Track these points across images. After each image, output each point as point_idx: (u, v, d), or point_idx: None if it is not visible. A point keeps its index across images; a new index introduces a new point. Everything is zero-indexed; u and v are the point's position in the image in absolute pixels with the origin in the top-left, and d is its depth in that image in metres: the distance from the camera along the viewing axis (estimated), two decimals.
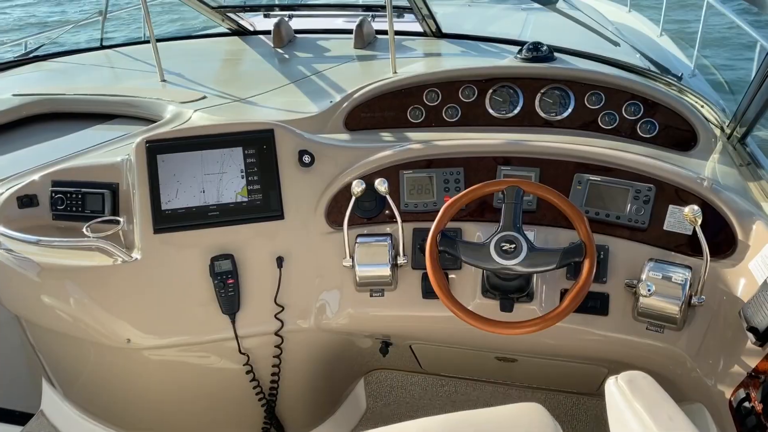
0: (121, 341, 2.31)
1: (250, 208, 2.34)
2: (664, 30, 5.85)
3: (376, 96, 2.71)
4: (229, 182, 2.33)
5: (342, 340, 2.54)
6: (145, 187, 2.30)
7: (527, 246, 1.93)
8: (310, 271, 2.38)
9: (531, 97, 2.62)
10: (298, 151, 2.39)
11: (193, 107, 2.90)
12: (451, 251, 1.99)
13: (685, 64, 5.29)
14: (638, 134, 2.52)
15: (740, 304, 1.97)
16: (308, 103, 2.89)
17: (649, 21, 6.28)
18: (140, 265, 2.29)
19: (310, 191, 2.40)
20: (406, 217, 2.37)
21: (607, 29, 4.96)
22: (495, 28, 4.78)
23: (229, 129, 2.37)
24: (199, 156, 2.33)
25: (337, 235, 2.37)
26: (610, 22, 5.44)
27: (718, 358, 1.98)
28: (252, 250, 2.34)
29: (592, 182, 2.28)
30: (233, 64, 3.89)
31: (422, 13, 3.70)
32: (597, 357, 2.30)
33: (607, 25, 5.17)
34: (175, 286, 2.31)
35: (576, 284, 1.89)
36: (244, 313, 2.33)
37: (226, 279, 2.28)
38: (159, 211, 2.29)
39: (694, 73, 5.14)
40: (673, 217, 2.18)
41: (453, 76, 2.68)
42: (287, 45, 3.98)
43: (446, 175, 2.39)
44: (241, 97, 3.07)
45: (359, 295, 2.36)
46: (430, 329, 2.38)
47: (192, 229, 2.31)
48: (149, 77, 3.51)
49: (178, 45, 4.25)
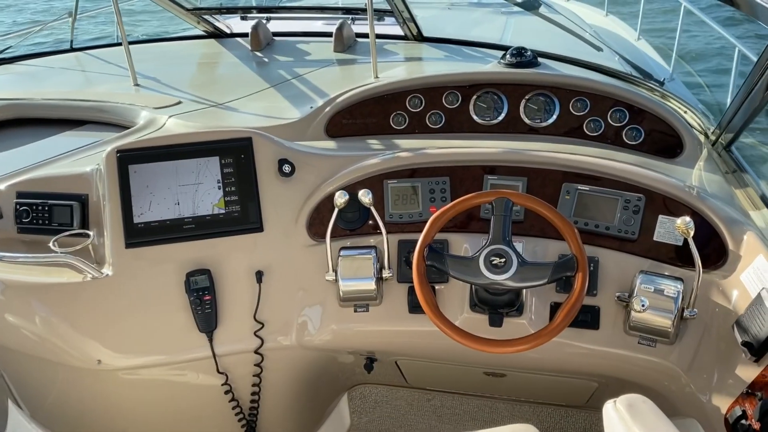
0: (91, 362, 2.20)
1: (227, 220, 2.24)
2: (642, 33, 5.88)
3: (358, 102, 2.63)
4: (205, 193, 2.23)
5: (325, 356, 2.46)
6: (117, 199, 2.19)
7: (517, 260, 1.86)
8: (291, 286, 2.29)
9: (515, 104, 2.58)
10: (277, 160, 2.30)
11: (167, 113, 2.79)
12: (439, 266, 1.92)
13: (664, 68, 5.31)
14: (624, 141, 2.48)
15: (733, 316, 1.92)
16: (288, 108, 2.80)
17: (626, 24, 6.30)
18: (111, 282, 2.18)
19: (290, 202, 2.31)
20: (391, 228, 2.29)
21: (586, 32, 4.95)
22: (476, 32, 4.75)
23: (204, 137, 2.27)
24: (173, 166, 2.23)
25: (319, 247, 2.28)
26: (589, 25, 5.44)
27: (711, 372, 1.93)
28: (230, 265, 2.25)
29: (580, 192, 2.22)
30: (209, 68, 3.78)
31: (403, 17, 3.64)
32: (588, 371, 2.24)
33: (587, 29, 5.17)
34: (148, 304, 2.20)
35: (569, 300, 1.83)
36: (221, 330, 2.23)
37: (203, 295, 2.18)
38: (131, 224, 2.19)
39: (673, 77, 5.17)
40: (663, 227, 2.14)
41: (436, 82, 2.62)
42: (265, 48, 3.89)
43: (432, 184, 2.32)
44: (218, 102, 2.97)
45: (343, 310, 2.28)
46: (416, 345, 2.30)
47: (166, 243, 2.21)
48: (122, 81, 3.38)
49: (152, 48, 4.13)
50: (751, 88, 2.19)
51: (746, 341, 1.77)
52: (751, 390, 1.75)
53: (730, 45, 4.64)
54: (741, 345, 1.77)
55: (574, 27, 4.83)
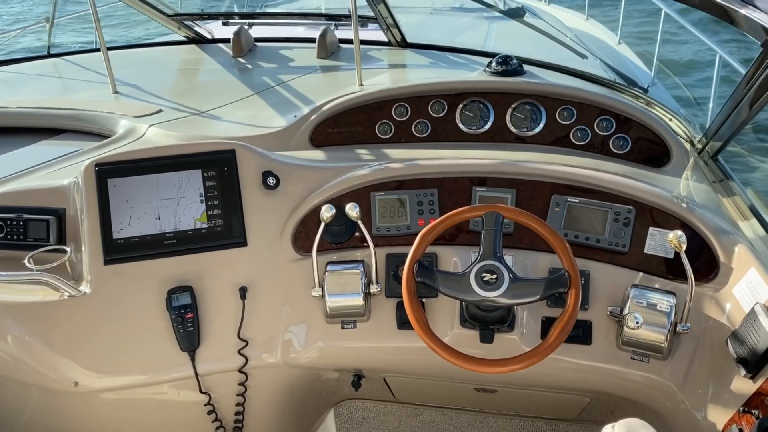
0: (67, 384, 2.12)
1: (210, 235, 2.18)
2: (622, 38, 5.90)
3: (343, 111, 2.59)
4: (187, 207, 2.17)
5: (311, 373, 2.40)
6: (95, 214, 2.12)
7: (509, 276, 1.82)
8: (276, 302, 2.23)
9: (502, 113, 2.56)
10: (261, 172, 2.24)
11: (148, 122, 2.72)
12: (429, 282, 1.88)
13: (645, 72, 5.33)
14: (611, 150, 2.47)
15: (726, 330, 1.91)
16: (271, 116, 2.74)
17: (606, 29, 6.32)
18: (89, 300, 2.11)
19: (275, 216, 2.26)
20: (378, 241, 2.25)
21: (568, 37, 4.95)
22: (459, 38, 4.72)
23: (186, 150, 2.21)
24: (154, 180, 2.16)
25: (305, 261, 2.23)
26: (569, 30, 5.44)
27: (706, 388, 1.91)
28: (212, 281, 2.19)
29: (570, 204, 2.20)
30: (191, 75, 3.70)
31: (387, 23, 3.59)
32: (580, 387, 2.21)
33: (567, 33, 5.17)
34: (128, 322, 2.13)
35: (562, 317, 1.79)
36: (204, 349, 2.17)
37: (185, 313, 2.12)
38: (110, 240, 2.12)
39: (654, 81, 5.19)
40: (654, 239, 2.12)
41: (422, 91, 2.59)
42: (247, 54, 3.82)
43: (419, 196, 2.28)
44: (199, 109, 2.90)
45: (329, 327, 2.23)
46: (406, 361, 2.26)
47: (147, 259, 2.14)
48: (101, 88, 3.29)
49: (132, 53, 4.04)
50: (739, 99, 2.18)
51: (741, 357, 1.74)
52: (747, 408, 1.73)
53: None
54: (736, 362, 1.74)
55: (557, 33, 4.84)
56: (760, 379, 1.72)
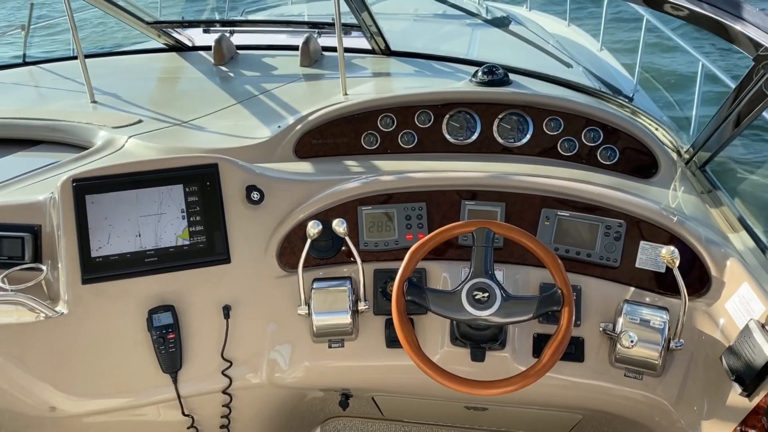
0: (43, 409, 2.04)
1: (192, 252, 2.12)
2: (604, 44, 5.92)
3: (328, 121, 2.55)
4: (168, 224, 2.11)
5: (297, 393, 2.34)
6: (72, 232, 2.05)
7: (501, 295, 1.78)
8: (261, 321, 2.18)
9: (489, 123, 2.53)
10: (245, 186, 2.19)
11: (127, 133, 2.65)
12: (420, 301, 1.83)
13: (628, 79, 5.35)
14: (599, 161, 2.46)
15: (720, 346, 1.88)
16: (255, 127, 2.69)
17: (588, 35, 6.34)
18: (67, 321, 2.03)
19: (259, 231, 2.20)
20: (366, 256, 2.20)
21: (550, 44, 4.95)
22: (443, 46, 4.69)
23: (167, 164, 2.14)
24: (133, 195, 2.10)
25: (291, 278, 2.18)
26: (552, 36, 5.45)
27: (701, 405, 1.89)
28: (195, 300, 2.13)
29: (560, 218, 2.17)
30: (171, 83, 3.63)
31: (371, 31, 3.55)
32: (572, 404, 2.18)
33: (549, 39, 5.17)
34: (107, 344, 2.07)
35: (556, 336, 1.76)
36: (187, 370, 2.11)
37: (166, 333, 2.06)
38: (88, 258, 2.05)
39: (637, 88, 5.21)
40: (645, 254, 2.10)
41: (408, 101, 2.56)
42: (229, 62, 3.75)
43: (407, 210, 2.23)
44: (181, 120, 2.84)
45: (316, 345, 2.17)
46: (395, 380, 2.21)
47: (126, 277, 2.08)
48: (78, 98, 3.22)
49: (111, 61, 3.95)
50: (730, 112, 2.17)
51: (737, 375, 1.72)
52: (744, 427, 1.71)
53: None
54: (732, 380, 1.72)
55: (540, 41, 4.83)
56: (757, 396, 1.69)
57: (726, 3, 1.55)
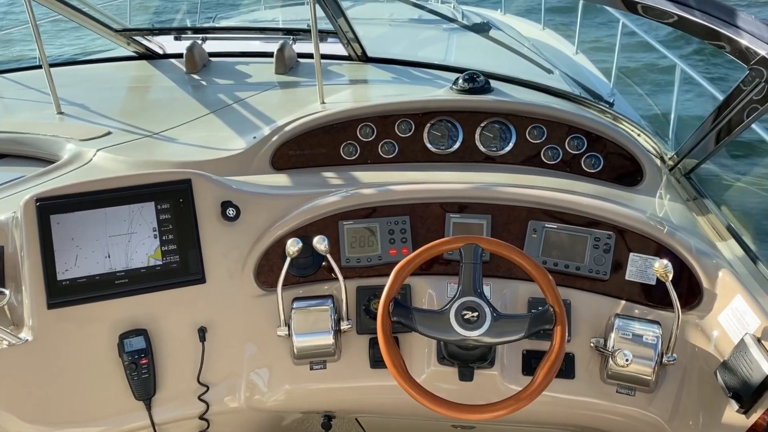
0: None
1: (165, 272, 2.03)
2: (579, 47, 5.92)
3: (306, 132, 2.47)
4: (139, 244, 2.01)
5: (277, 416, 2.25)
6: (37, 254, 1.94)
7: (491, 314, 1.72)
8: (239, 343, 2.09)
9: (471, 132, 2.48)
10: (220, 202, 2.10)
11: (95, 145, 2.54)
12: (406, 322, 1.76)
13: (604, 83, 5.35)
14: (583, 169, 2.42)
15: (713, 360, 1.84)
16: (229, 137, 2.60)
17: (563, 39, 6.35)
18: (31, 348, 1.92)
19: (235, 249, 2.12)
20: (348, 273, 2.12)
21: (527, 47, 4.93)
22: (420, 51, 4.64)
23: (137, 181, 2.04)
24: (102, 214, 1.99)
25: (269, 297, 2.09)
26: (527, 40, 5.43)
27: (696, 422, 1.84)
28: (169, 322, 2.04)
29: (548, 230, 2.11)
30: (142, 93, 3.51)
31: (347, 37, 3.48)
32: (563, 422, 2.12)
33: (526, 43, 5.15)
34: (76, 371, 1.96)
35: (548, 357, 1.69)
36: (161, 396, 2.02)
37: (139, 359, 1.96)
38: (54, 281, 1.94)
39: (614, 92, 5.22)
40: (635, 266, 2.05)
41: (388, 110, 2.49)
42: (202, 70, 3.65)
43: (390, 224, 2.16)
44: (152, 131, 2.73)
45: (297, 368, 2.09)
46: (379, 401, 2.13)
47: (95, 301, 1.98)
48: (43, 109, 3.09)
49: (78, 70, 3.82)
50: (720, 120, 2.14)
51: (734, 391, 1.67)
52: None
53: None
54: (729, 397, 1.67)
55: (518, 45, 4.80)
56: (754, 414, 1.65)
57: (719, 10, 1.50)
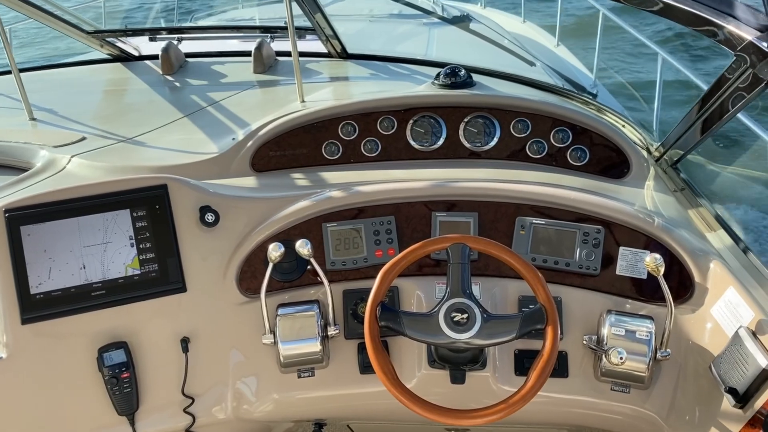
0: None
1: (144, 282, 1.97)
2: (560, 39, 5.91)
3: (286, 131, 2.42)
4: (115, 253, 1.94)
5: (266, 426, 2.20)
6: (7, 268, 1.87)
7: (481, 315, 1.67)
8: (223, 352, 2.04)
9: (454, 127, 2.44)
10: (198, 208, 2.04)
11: (69, 152, 2.47)
12: (394, 326, 1.71)
13: (586, 75, 5.34)
14: (569, 162, 2.38)
15: (707, 354, 1.81)
16: (207, 140, 2.54)
17: (543, 31, 6.33)
18: (6, 365, 1.86)
19: (216, 255, 2.06)
20: (334, 276, 2.07)
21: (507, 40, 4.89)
22: (400, 47, 4.58)
23: (110, 188, 1.97)
24: (74, 224, 1.92)
25: (253, 304, 2.03)
26: (508, 33, 5.40)
27: (693, 418, 1.81)
28: (150, 334, 1.98)
29: (536, 226, 2.07)
30: (116, 96, 3.43)
31: (326, 34, 3.42)
32: (558, 421, 2.09)
33: (507, 36, 5.12)
34: (54, 388, 1.90)
35: (540, 358, 1.65)
36: (145, 411, 1.97)
37: (120, 373, 1.90)
38: (27, 295, 1.87)
39: (596, 83, 5.21)
40: (625, 260, 2.01)
41: (370, 107, 2.45)
42: (178, 71, 3.57)
43: (376, 225, 2.11)
44: (127, 136, 2.66)
45: (285, 376, 2.04)
46: (370, 406, 2.08)
47: (72, 314, 1.92)
48: (15, 115, 3.00)
49: (49, 74, 3.72)
50: (706, 109, 2.10)
51: (729, 386, 1.64)
52: None
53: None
54: (725, 392, 1.64)
55: (499, 38, 4.76)
56: (751, 408, 1.62)
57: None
